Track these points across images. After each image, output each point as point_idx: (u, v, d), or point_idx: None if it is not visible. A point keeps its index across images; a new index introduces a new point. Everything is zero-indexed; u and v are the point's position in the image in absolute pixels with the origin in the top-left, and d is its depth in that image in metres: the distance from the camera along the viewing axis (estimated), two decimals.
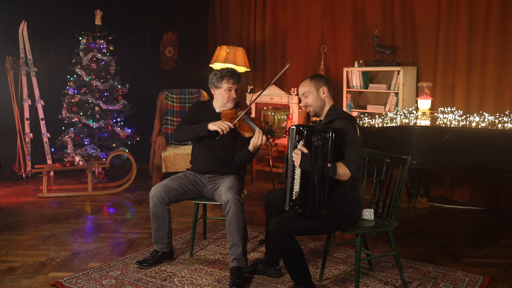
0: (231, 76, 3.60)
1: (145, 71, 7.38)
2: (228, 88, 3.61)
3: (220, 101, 3.67)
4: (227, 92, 3.62)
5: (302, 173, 2.84)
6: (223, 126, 3.46)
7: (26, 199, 5.48)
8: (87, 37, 6.28)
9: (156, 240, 3.67)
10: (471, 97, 5.36)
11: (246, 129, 3.54)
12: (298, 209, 2.86)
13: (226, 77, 3.59)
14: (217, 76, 3.62)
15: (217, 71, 3.65)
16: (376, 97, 6.08)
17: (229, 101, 3.64)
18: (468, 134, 4.22)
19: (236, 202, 3.38)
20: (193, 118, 3.70)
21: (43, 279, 3.39)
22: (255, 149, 3.51)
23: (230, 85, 3.60)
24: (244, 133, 3.53)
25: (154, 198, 3.57)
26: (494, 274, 3.53)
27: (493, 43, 5.14)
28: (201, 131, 3.54)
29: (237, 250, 3.37)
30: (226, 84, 3.60)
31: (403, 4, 5.80)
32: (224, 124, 3.47)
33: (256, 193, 5.85)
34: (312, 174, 2.81)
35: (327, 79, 3.23)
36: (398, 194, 3.15)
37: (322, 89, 3.16)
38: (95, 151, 6.16)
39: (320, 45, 6.54)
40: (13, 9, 6.27)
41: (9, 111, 6.20)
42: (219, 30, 7.74)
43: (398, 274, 3.44)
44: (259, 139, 3.44)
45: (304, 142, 2.84)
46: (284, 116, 6.85)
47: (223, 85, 3.61)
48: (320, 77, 3.21)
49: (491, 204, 5.26)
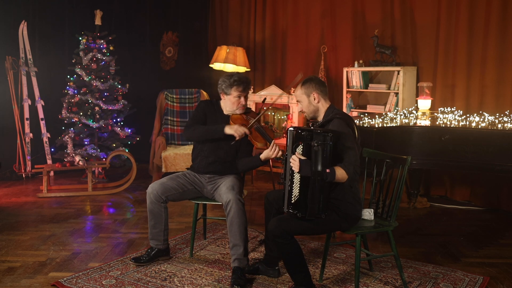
0: (240, 84, 3.59)
1: (145, 71, 7.38)
2: (237, 96, 3.61)
3: (229, 107, 3.67)
4: (236, 99, 3.62)
5: (302, 177, 2.84)
6: (240, 132, 3.46)
7: (26, 199, 5.48)
8: (87, 37, 6.28)
9: (152, 237, 3.68)
10: (471, 97, 5.36)
11: (259, 139, 3.54)
12: (298, 213, 2.86)
13: (236, 85, 3.58)
14: (226, 83, 3.61)
15: (227, 77, 3.63)
16: (376, 97, 6.08)
17: (238, 108, 3.65)
18: (468, 134, 4.21)
19: (237, 202, 3.38)
20: (203, 117, 3.69)
21: (43, 279, 3.39)
22: (266, 160, 3.51)
23: (239, 92, 3.60)
24: (257, 142, 3.53)
25: (150, 195, 3.58)
26: (494, 274, 3.53)
27: (493, 43, 5.13)
28: (216, 133, 3.54)
29: (238, 250, 3.37)
30: (235, 92, 3.60)
31: (403, 4, 5.79)
32: (241, 130, 3.47)
33: (256, 193, 5.85)
34: (312, 179, 2.81)
35: (319, 81, 3.18)
36: (398, 194, 3.15)
37: (312, 95, 3.14)
38: (95, 151, 6.16)
39: (320, 45, 6.54)
40: (13, 9, 6.27)
41: (9, 111, 6.20)
42: (219, 30, 7.74)
43: (398, 274, 3.44)
44: (275, 153, 3.43)
45: (304, 147, 2.84)
46: (284, 116, 6.84)
47: (232, 92, 3.60)
48: (310, 81, 3.16)
49: (491, 204, 5.26)
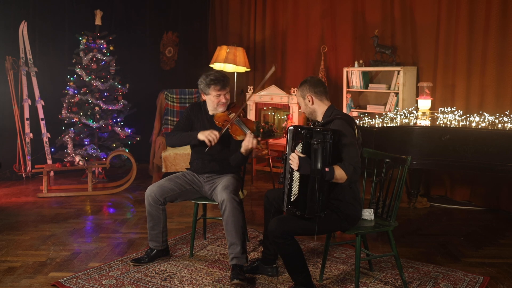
0: (217, 83, 3.57)
1: (145, 71, 7.38)
2: (216, 95, 3.60)
3: (211, 106, 3.68)
4: (216, 98, 3.61)
5: (301, 175, 2.84)
6: (211, 137, 3.46)
7: (26, 199, 5.48)
8: (87, 37, 6.28)
9: (151, 238, 3.69)
10: (471, 97, 5.36)
11: (238, 133, 3.54)
12: (297, 212, 2.86)
13: (213, 84, 3.57)
14: (203, 83, 3.60)
15: (203, 77, 3.62)
16: (376, 97, 6.08)
17: (219, 106, 3.64)
18: (468, 134, 4.22)
19: (231, 201, 3.37)
20: (187, 121, 3.71)
21: (43, 279, 3.39)
22: (247, 152, 3.51)
23: (217, 91, 3.59)
24: (236, 136, 3.54)
25: (149, 198, 3.59)
26: (494, 274, 3.53)
27: (493, 43, 5.14)
28: (191, 140, 3.57)
29: (235, 249, 3.37)
30: (214, 91, 3.59)
31: (403, 4, 5.80)
32: (212, 135, 3.46)
33: (256, 193, 5.85)
34: (311, 177, 2.81)
35: (314, 83, 3.14)
36: (398, 194, 3.15)
37: (307, 97, 3.14)
38: (95, 151, 6.16)
39: (320, 45, 6.54)
40: (13, 9, 6.27)
41: (9, 111, 6.20)
42: (219, 30, 7.74)
43: (398, 274, 3.44)
44: (250, 142, 3.44)
45: (303, 145, 2.84)
46: (284, 116, 6.85)
47: (210, 92, 3.60)
48: (304, 83, 3.16)
49: (491, 204, 5.26)
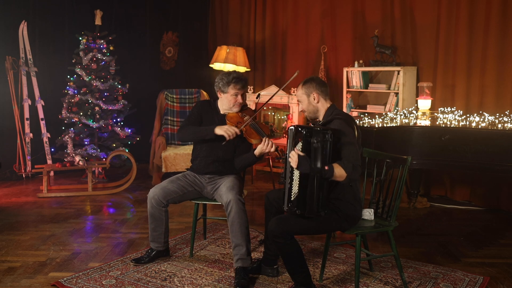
0: (237, 82, 3.59)
1: (145, 71, 7.37)
2: (234, 94, 3.60)
3: (226, 105, 3.67)
4: (233, 97, 3.61)
5: (301, 174, 2.84)
6: (230, 132, 3.45)
7: (26, 199, 5.48)
8: (87, 37, 6.28)
9: (153, 239, 3.69)
10: (471, 97, 5.35)
11: (253, 136, 3.54)
12: (297, 210, 2.86)
13: (233, 83, 3.58)
14: (224, 81, 3.60)
15: (224, 75, 3.63)
16: (376, 97, 6.08)
17: (235, 105, 3.65)
18: (468, 134, 4.21)
19: (237, 202, 3.37)
20: (198, 117, 3.69)
21: (43, 279, 3.39)
22: (261, 155, 3.51)
23: (236, 90, 3.59)
24: (251, 139, 3.53)
25: (152, 200, 3.58)
26: (494, 274, 3.53)
27: (493, 43, 5.13)
28: (207, 134, 3.54)
29: (241, 250, 3.36)
30: (232, 90, 3.59)
31: (403, 4, 5.79)
32: (231, 130, 3.46)
33: (256, 193, 5.85)
34: (311, 175, 2.81)
35: (320, 82, 3.18)
36: (398, 194, 3.15)
37: (312, 95, 3.14)
38: (95, 151, 6.16)
39: (320, 45, 6.54)
40: (13, 9, 6.27)
41: (9, 111, 6.19)
42: (219, 30, 7.74)
43: (398, 274, 3.44)
44: (268, 147, 3.43)
45: (303, 144, 2.83)
46: (284, 116, 6.85)
47: (229, 90, 3.60)
48: (311, 81, 3.16)
49: (491, 204, 5.26)
